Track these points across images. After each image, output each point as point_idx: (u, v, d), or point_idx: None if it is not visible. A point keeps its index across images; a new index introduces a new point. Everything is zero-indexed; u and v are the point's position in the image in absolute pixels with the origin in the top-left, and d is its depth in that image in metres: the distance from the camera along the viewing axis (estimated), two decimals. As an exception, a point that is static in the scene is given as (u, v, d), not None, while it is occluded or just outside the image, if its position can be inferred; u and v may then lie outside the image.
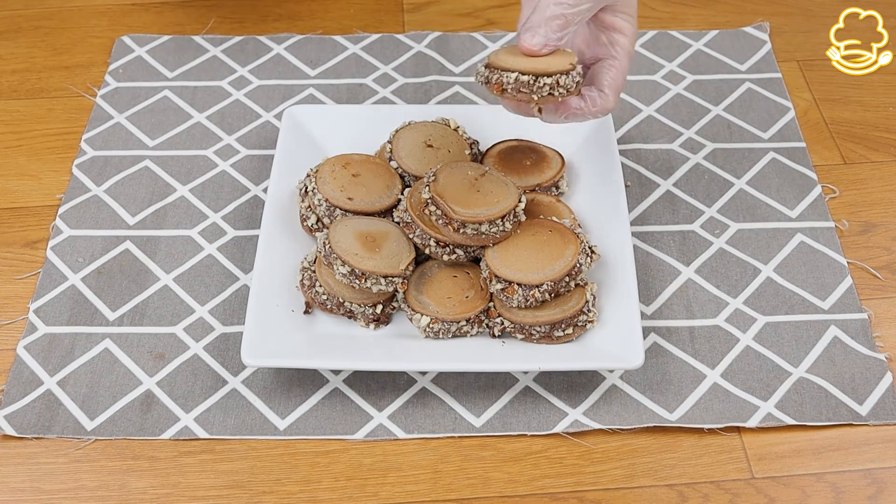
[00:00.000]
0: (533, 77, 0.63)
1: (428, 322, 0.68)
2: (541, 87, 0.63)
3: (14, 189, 0.81)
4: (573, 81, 0.63)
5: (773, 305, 0.73)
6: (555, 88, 0.63)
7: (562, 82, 0.63)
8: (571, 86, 0.63)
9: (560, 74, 0.63)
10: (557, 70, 0.63)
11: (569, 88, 0.63)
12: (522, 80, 0.63)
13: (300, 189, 0.75)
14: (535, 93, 0.63)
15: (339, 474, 0.64)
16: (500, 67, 0.64)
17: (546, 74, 0.63)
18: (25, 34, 0.95)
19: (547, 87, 0.63)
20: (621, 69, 0.68)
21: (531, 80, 0.63)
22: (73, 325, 0.72)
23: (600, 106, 0.67)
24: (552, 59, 0.64)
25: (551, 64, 0.63)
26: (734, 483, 0.64)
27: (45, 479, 0.64)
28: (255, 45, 0.93)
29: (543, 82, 0.63)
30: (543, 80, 0.63)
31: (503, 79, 0.63)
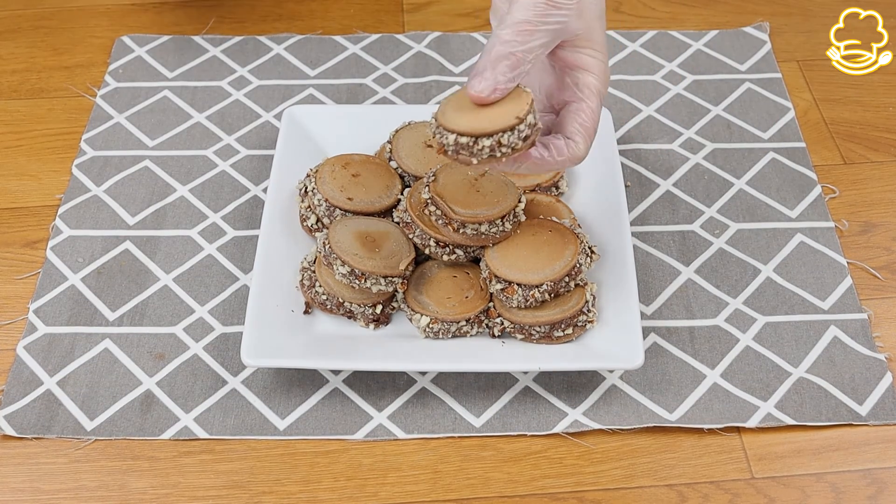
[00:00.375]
0: (472, 139, 0.57)
1: (428, 322, 0.68)
2: (480, 150, 0.57)
3: (14, 189, 0.81)
4: (519, 139, 0.57)
5: (772, 305, 0.73)
6: (496, 149, 0.58)
7: (504, 141, 0.57)
8: (517, 143, 0.58)
9: (502, 132, 0.57)
10: (499, 128, 0.57)
11: (514, 146, 0.58)
12: (461, 143, 0.58)
13: (300, 189, 0.75)
14: (475, 155, 0.58)
15: (338, 474, 0.64)
16: (443, 126, 0.58)
17: (485, 135, 0.57)
18: (25, 34, 0.95)
19: (487, 150, 0.57)
20: (590, 112, 0.61)
21: (470, 141, 0.57)
22: (73, 325, 0.72)
23: (567, 155, 0.61)
24: (500, 110, 0.58)
25: (494, 120, 0.57)
26: (734, 483, 0.64)
27: (45, 479, 0.64)
28: (255, 45, 0.93)
29: (483, 144, 0.57)
30: (482, 141, 0.57)
31: (443, 139, 0.58)
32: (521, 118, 0.57)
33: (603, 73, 0.62)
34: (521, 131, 0.58)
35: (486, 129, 0.57)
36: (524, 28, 0.57)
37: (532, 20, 0.57)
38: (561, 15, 0.58)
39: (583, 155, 0.61)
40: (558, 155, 0.61)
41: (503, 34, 0.57)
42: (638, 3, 0.98)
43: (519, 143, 0.58)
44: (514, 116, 0.57)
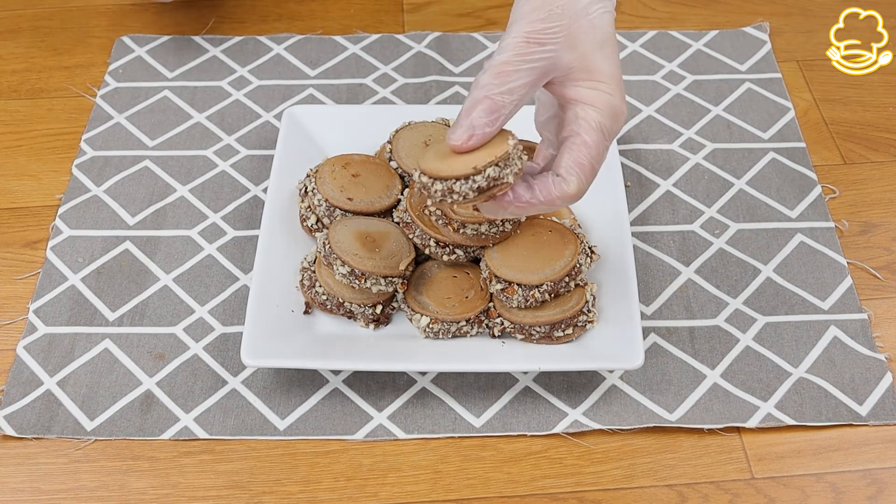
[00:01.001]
0: (430, 180, 0.56)
1: (428, 322, 0.68)
2: (434, 193, 0.56)
3: (14, 189, 0.81)
4: (471, 189, 0.55)
5: (772, 306, 0.73)
6: (447, 195, 0.56)
7: (456, 189, 0.55)
8: (468, 194, 0.55)
9: (455, 180, 0.55)
10: (452, 174, 0.55)
11: (465, 196, 0.55)
12: (422, 181, 0.57)
13: (300, 189, 0.75)
14: (430, 197, 0.56)
15: (338, 474, 0.64)
16: (418, 165, 0.57)
17: (439, 178, 0.55)
18: (25, 34, 0.95)
19: (439, 194, 0.56)
20: (584, 147, 0.56)
21: (428, 182, 0.56)
22: (73, 325, 0.72)
23: (555, 194, 0.56)
24: (469, 157, 0.55)
25: (452, 165, 0.55)
26: (734, 483, 0.64)
27: (45, 479, 0.64)
28: (255, 46, 0.93)
29: (436, 188, 0.56)
30: (436, 185, 0.56)
31: (414, 176, 0.58)
32: (479, 169, 0.55)
33: (607, 105, 0.56)
34: (475, 181, 0.55)
35: (441, 174, 0.55)
36: (503, 69, 0.55)
37: (512, 60, 0.55)
38: (545, 51, 0.55)
39: (573, 193, 0.56)
40: (543, 195, 0.56)
41: (482, 78, 0.55)
42: (638, 3, 0.98)
43: (470, 195, 0.55)
44: (472, 166, 0.55)
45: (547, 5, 0.55)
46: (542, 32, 0.55)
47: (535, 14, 0.55)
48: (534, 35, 0.55)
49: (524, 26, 0.55)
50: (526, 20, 0.55)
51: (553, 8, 0.55)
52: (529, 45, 0.55)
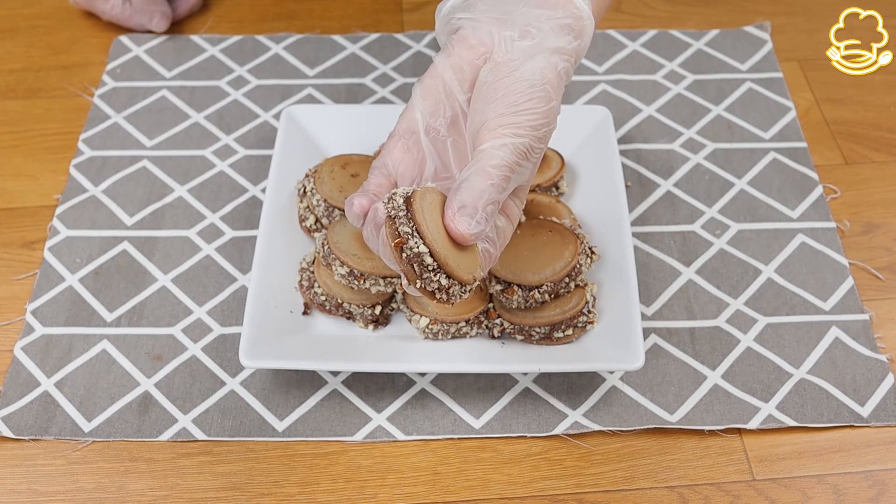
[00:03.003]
0: (435, 265, 0.54)
1: (427, 323, 0.68)
2: (433, 281, 0.54)
3: (11, 189, 0.81)
4: (459, 295, 0.55)
5: (773, 306, 0.73)
6: (443, 292, 0.55)
7: (452, 291, 0.55)
8: (455, 299, 0.56)
9: (459, 284, 0.55)
10: (461, 278, 0.55)
11: (451, 299, 0.55)
12: (424, 261, 0.54)
13: (299, 189, 0.74)
14: (422, 280, 0.54)
15: (337, 476, 0.64)
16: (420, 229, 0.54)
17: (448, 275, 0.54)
18: (23, 33, 0.94)
19: (435, 286, 0.55)
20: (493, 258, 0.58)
21: (432, 265, 0.54)
22: (71, 325, 0.71)
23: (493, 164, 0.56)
24: (466, 257, 0.55)
25: (462, 266, 0.55)
26: (735, 485, 0.64)
27: (43, 480, 0.64)
28: (254, 45, 0.93)
29: (438, 279, 0.54)
30: (440, 276, 0.54)
31: (411, 241, 0.54)
32: (476, 279, 0.56)
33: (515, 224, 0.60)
34: (466, 290, 0.56)
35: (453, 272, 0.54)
36: (507, 174, 0.55)
37: (512, 165, 0.55)
38: (528, 166, 0.57)
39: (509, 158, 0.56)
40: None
41: (493, 174, 0.55)
42: (638, 3, 0.98)
43: (455, 300, 0.55)
44: (472, 275, 0.55)
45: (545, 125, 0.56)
46: (534, 150, 0.57)
47: (538, 130, 0.56)
48: (529, 151, 0.56)
49: (529, 135, 0.56)
50: (531, 130, 0.56)
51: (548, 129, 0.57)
52: (524, 157, 0.56)
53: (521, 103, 0.56)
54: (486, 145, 0.56)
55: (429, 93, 0.61)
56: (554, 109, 0.57)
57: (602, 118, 0.79)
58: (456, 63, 0.59)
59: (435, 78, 0.60)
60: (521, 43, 0.58)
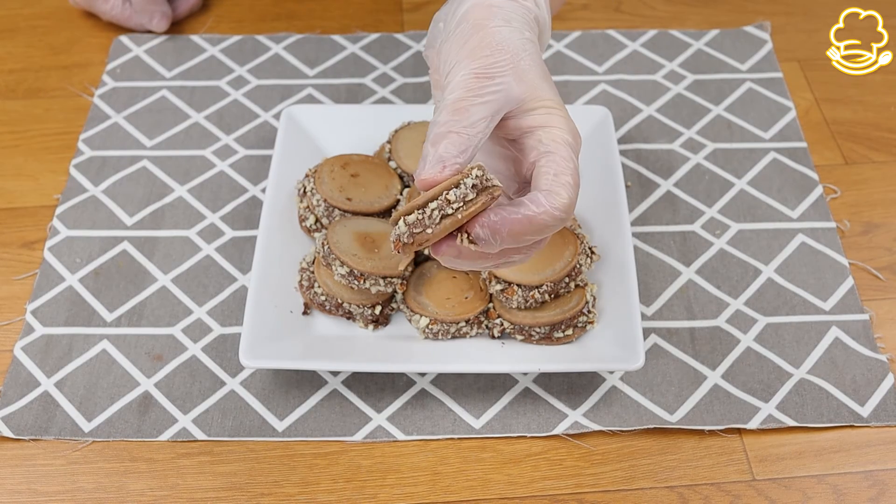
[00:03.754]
0: (420, 210, 0.50)
1: (427, 323, 0.68)
2: (431, 217, 0.50)
3: (11, 189, 0.81)
4: (467, 189, 0.50)
5: (773, 306, 0.73)
6: (445, 208, 0.50)
7: (452, 197, 0.50)
8: (468, 194, 0.50)
9: (446, 190, 0.50)
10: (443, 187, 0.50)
11: (465, 198, 0.50)
12: (409, 221, 0.50)
13: (299, 189, 0.74)
14: (429, 226, 0.50)
15: (337, 476, 0.64)
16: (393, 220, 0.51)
17: (430, 199, 0.50)
18: (23, 33, 0.94)
19: (437, 213, 0.50)
20: (562, 161, 0.53)
21: (419, 215, 0.50)
22: (71, 325, 0.71)
23: (547, 206, 0.51)
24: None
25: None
26: (735, 485, 0.64)
27: (43, 480, 0.64)
28: (254, 45, 0.93)
29: (430, 209, 0.50)
30: (430, 205, 0.50)
31: (397, 231, 0.51)
32: (466, 173, 0.50)
33: (566, 124, 0.54)
34: (466, 184, 0.50)
35: (429, 196, 0.50)
36: (460, 106, 0.53)
37: (466, 97, 0.53)
38: (496, 84, 0.54)
39: (567, 203, 0.51)
40: (535, 206, 0.51)
41: (439, 118, 0.53)
42: (638, 3, 0.98)
43: (470, 195, 0.50)
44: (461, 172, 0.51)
45: (486, 45, 0.55)
46: (489, 67, 0.54)
47: (478, 52, 0.55)
48: (482, 70, 0.54)
49: (469, 64, 0.54)
50: (470, 58, 0.54)
51: (493, 44, 0.55)
52: (480, 79, 0.54)
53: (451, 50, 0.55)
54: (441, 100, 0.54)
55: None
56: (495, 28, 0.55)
57: (602, 118, 0.79)
58: (434, 81, 0.59)
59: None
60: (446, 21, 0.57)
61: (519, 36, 0.56)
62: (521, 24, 0.57)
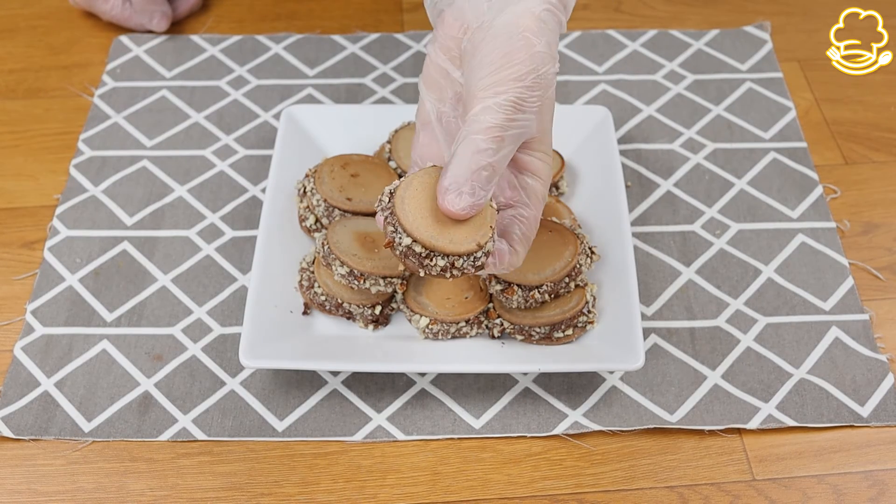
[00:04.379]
0: (427, 251, 0.53)
1: (427, 323, 0.68)
2: (433, 265, 0.54)
3: (11, 189, 0.81)
4: (472, 265, 0.54)
5: (774, 306, 0.73)
6: (448, 270, 0.54)
7: (458, 265, 0.54)
8: (469, 269, 0.54)
9: (458, 256, 0.53)
10: (458, 251, 0.53)
11: (464, 271, 0.54)
12: (414, 250, 0.54)
13: (299, 189, 0.74)
14: (424, 268, 0.54)
15: (337, 476, 0.64)
16: (401, 223, 0.54)
17: (443, 254, 0.53)
18: (23, 33, 0.94)
19: (439, 268, 0.54)
20: (533, 220, 0.58)
21: (423, 252, 0.53)
22: (71, 325, 0.71)
23: (507, 263, 0.58)
24: (464, 228, 0.54)
25: (455, 240, 0.53)
26: (735, 485, 0.64)
27: (42, 480, 0.64)
28: (254, 45, 0.93)
29: (436, 262, 0.53)
30: (437, 259, 0.53)
31: (396, 238, 0.54)
32: (481, 245, 0.53)
33: (549, 178, 0.59)
34: (476, 258, 0.54)
35: (445, 249, 0.53)
36: (496, 135, 0.53)
37: (502, 125, 0.53)
38: (525, 118, 0.55)
39: (519, 263, 0.59)
40: (500, 263, 0.57)
41: (478, 140, 0.53)
42: (638, 3, 0.98)
43: (471, 270, 0.54)
44: (476, 243, 0.54)
45: (531, 74, 0.54)
46: (525, 101, 0.54)
47: (522, 81, 0.54)
48: (520, 102, 0.54)
49: (510, 90, 0.54)
50: (513, 84, 0.54)
51: (535, 78, 0.55)
52: (517, 111, 0.54)
53: (499, 60, 0.55)
54: (470, 113, 0.54)
55: (430, 81, 0.61)
56: (540, 53, 0.55)
57: (602, 118, 0.79)
58: (443, 44, 0.59)
59: (430, 65, 0.60)
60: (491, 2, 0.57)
61: (553, 66, 0.56)
62: (555, 46, 0.56)
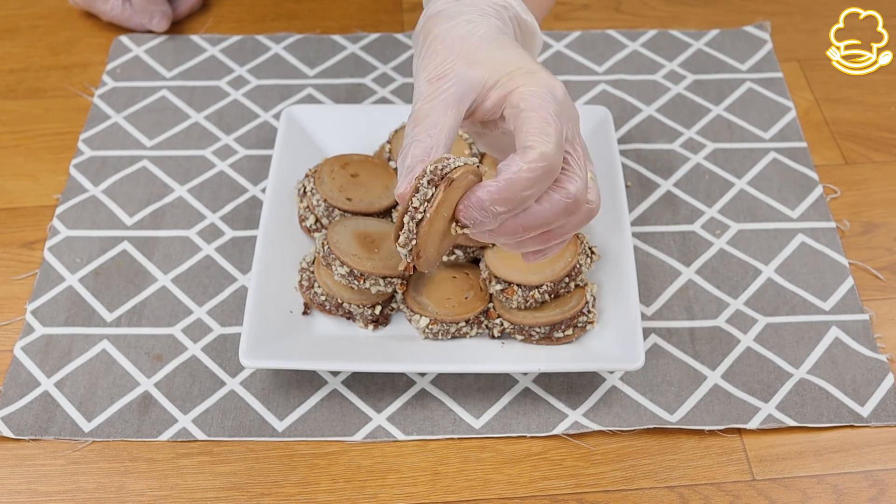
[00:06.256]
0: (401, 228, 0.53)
1: (427, 323, 0.68)
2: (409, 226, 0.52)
3: (11, 189, 0.81)
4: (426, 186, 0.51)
5: (773, 306, 0.73)
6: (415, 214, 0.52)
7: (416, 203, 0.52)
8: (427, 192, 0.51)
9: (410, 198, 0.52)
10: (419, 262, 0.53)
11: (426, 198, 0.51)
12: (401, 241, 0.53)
13: (299, 189, 0.74)
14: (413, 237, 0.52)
15: (337, 476, 0.64)
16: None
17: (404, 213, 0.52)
18: (23, 33, 0.94)
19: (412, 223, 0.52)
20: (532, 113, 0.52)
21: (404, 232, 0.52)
22: (71, 325, 0.71)
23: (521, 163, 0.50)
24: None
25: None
26: (735, 485, 0.64)
27: (42, 480, 0.64)
28: (254, 45, 0.93)
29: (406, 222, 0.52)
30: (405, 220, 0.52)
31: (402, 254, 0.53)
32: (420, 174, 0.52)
33: (537, 80, 0.53)
34: (422, 184, 0.51)
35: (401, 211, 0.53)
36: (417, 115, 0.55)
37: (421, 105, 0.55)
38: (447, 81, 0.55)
39: (538, 154, 0.50)
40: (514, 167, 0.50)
41: (406, 133, 0.55)
42: (638, 3, 0.98)
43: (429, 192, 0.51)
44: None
45: (433, 50, 0.56)
46: (438, 68, 0.55)
47: (427, 60, 0.56)
48: (433, 74, 0.55)
49: (421, 74, 0.56)
50: (422, 69, 0.56)
51: (438, 46, 0.56)
52: (432, 84, 0.55)
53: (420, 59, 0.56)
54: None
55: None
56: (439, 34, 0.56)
57: (602, 118, 0.79)
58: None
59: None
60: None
61: (466, 25, 0.56)
62: (475, 15, 0.57)
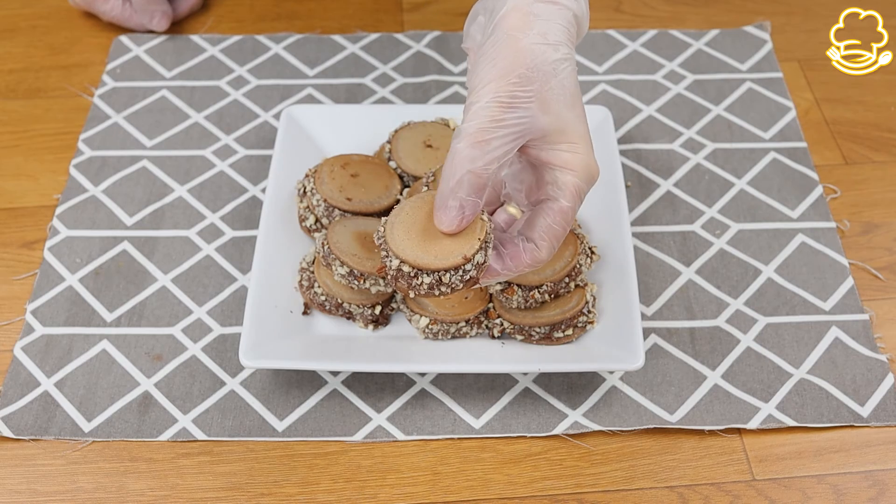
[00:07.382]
0: (413, 270, 0.55)
1: (427, 323, 0.68)
2: (420, 285, 0.55)
3: (11, 189, 0.81)
4: (460, 280, 0.54)
5: (773, 306, 0.73)
6: (435, 287, 0.55)
7: (445, 280, 0.54)
8: (457, 285, 0.55)
9: (445, 271, 0.54)
10: (442, 266, 0.54)
11: (454, 287, 0.55)
12: (403, 271, 0.55)
13: (299, 189, 0.74)
14: (412, 288, 0.55)
15: (337, 476, 0.64)
16: (387, 244, 0.55)
17: (428, 270, 0.54)
18: (23, 33, 0.94)
19: (426, 287, 0.55)
20: (561, 213, 0.55)
21: (411, 272, 0.55)
22: (71, 325, 0.71)
23: (526, 262, 0.56)
24: (452, 243, 0.54)
25: (440, 254, 0.54)
26: (735, 485, 0.64)
27: (42, 480, 0.64)
28: (254, 45, 0.93)
29: (422, 280, 0.54)
30: (423, 277, 0.54)
31: (388, 262, 0.56)
32: (468, 258, 0.54)
33: (584, 168, 0.55)
34: (465, 271, 0.54)
35: (430, 266, 0.54)
36: (480, 139, 0.52)
37: (487, 128, 0.52)
38: (519, 116, 0.53)
39: (544, 259, 0.56)
40: (514, 264, 0.56)
41: (459, 149, 0.52)
42: (638, 2, 0.98)
43: (459, 285, 0.54)
44: (462, 255, 0.54)
45: (516, 69, 0.53)
46: (513, 96, 0.53)
47: (505, 78, 0.53)
48: (505, 99, 0.52)
49: (493, 90, 0.53)
50: (495, 84, 0.53)
51: (522, 71, 0.53)
52: (503, 109, 0.52)
53: (482, 65, 0.53)
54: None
55: None
56: (527, 47, 0.53)
57: (602, 118, 0.79)
58: None
59: None
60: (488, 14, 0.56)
61: (553, 54, 0.54)
62: (559, 35, 0.54)
